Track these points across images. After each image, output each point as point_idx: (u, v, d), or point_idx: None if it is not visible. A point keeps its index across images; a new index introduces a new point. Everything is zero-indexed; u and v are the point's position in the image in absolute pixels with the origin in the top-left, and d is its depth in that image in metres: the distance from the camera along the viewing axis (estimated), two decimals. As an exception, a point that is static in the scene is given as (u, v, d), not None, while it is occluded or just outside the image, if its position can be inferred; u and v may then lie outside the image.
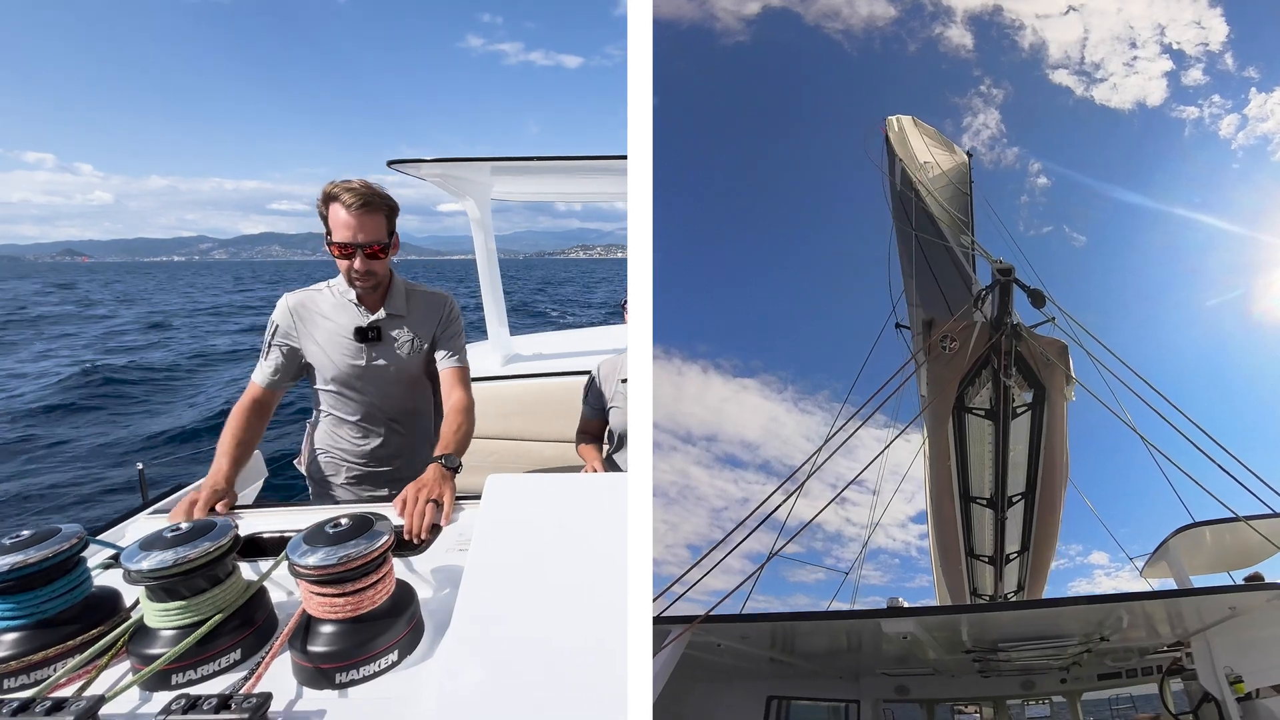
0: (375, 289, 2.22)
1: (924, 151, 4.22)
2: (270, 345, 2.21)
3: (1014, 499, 3.06)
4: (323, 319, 2.22)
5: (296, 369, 2.26)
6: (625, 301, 2.61)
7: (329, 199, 2.10)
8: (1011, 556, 3.17)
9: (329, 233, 2.12)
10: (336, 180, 2.14)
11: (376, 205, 2.11)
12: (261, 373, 2.20)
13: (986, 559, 3.18)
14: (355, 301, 2.23)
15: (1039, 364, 2.62)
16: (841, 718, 2.30)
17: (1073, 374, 2.46)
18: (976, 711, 2.33)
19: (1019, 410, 2.79)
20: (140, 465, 2.19)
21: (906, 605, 2.17)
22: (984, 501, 3.12)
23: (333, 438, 2.36)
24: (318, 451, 2.40)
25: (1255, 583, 1.91)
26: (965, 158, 4.59)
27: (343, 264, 2.13)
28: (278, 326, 2.21)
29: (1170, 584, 2.51)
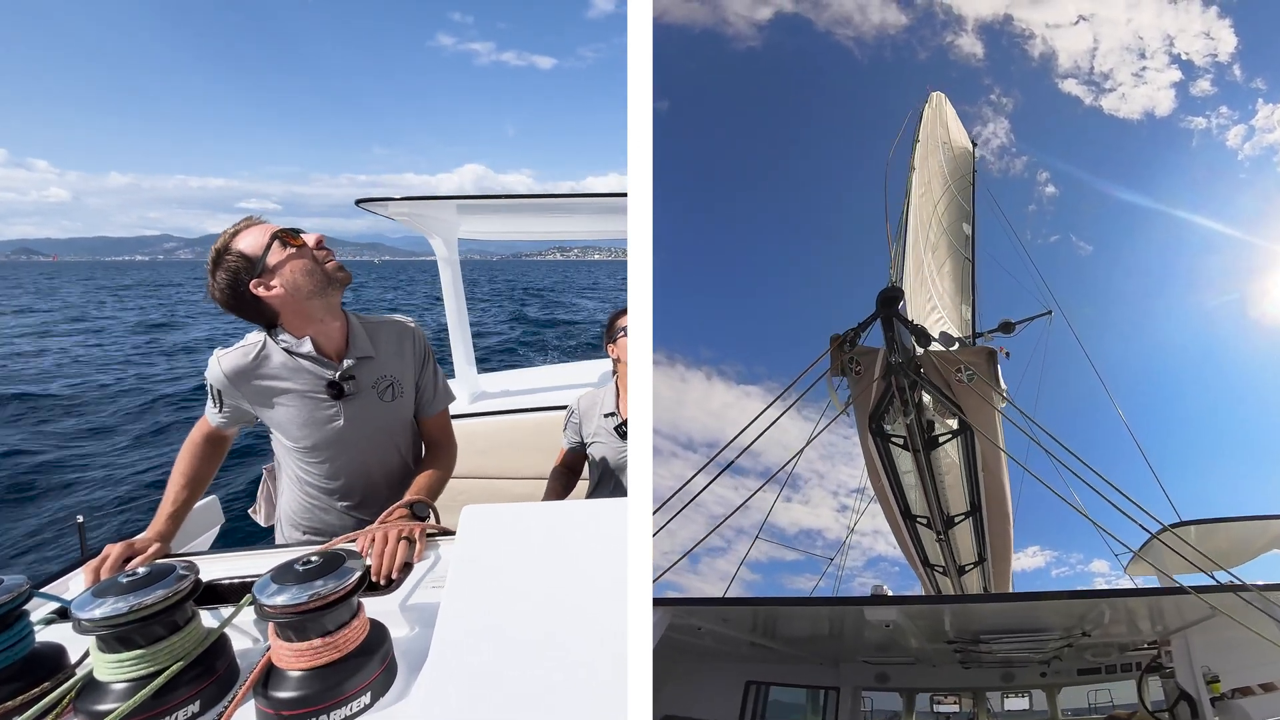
0: (345, 284, 1.86)
1: (944, 131, 4.15)
2: (216, 401, 1.89)
3: (956, 519, 2.96)
4: (278, 382, 1.86)
5: (251, 419, 1.95)
6: (609, 331, 2.54)
7: (234, 236, 1.75)
8: (967, 568, 3.14)
9: (261, 265, 1.71)
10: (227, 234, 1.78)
11: None
12: (214, 416, 1.92)
13: (941, 570, 3.16)
14: (313, 354, 1.84)
15: (955, 388, 2.38)
16: (820, 704, 2.30)
17: (1002, 383, 2.29)
18: (956, 702, 2.34)
19: (942, 439, 2.60)
20: (80, 518, 2.05)
21: (890, 593, 2.17)
22: (924, 522, 3.04)
23: (308, 510, 2.04)
24: (289, 524, 2.09)
25: (1234, 583, 1.91)
26: (970, 144, 4.55)
27: (305, 262, 1.76)
28: (219, 391, 1.87)
29: (1153, 581, 2.52)
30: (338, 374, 1.87)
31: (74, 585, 1.55)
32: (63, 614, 1.31)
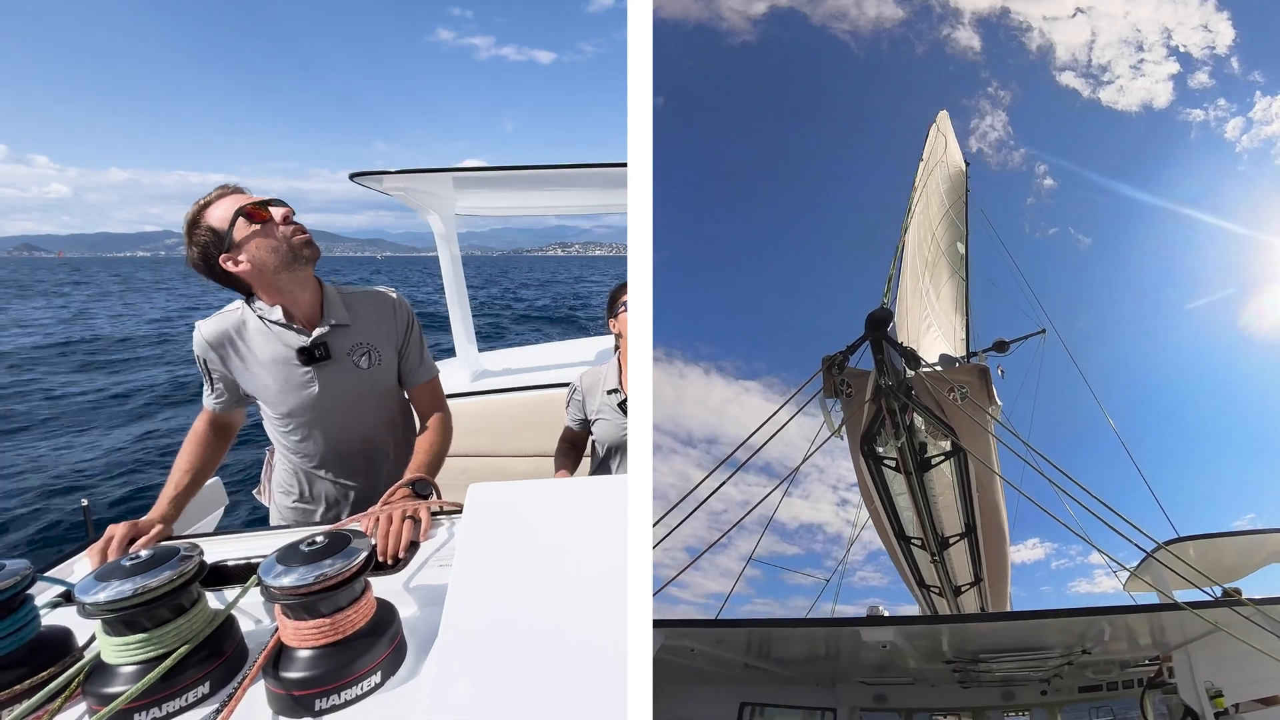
0: (317, 255, 1.87)
1: (941, 150, 4.19)
2: (207, 376, 1.93)
3: (951, 540, 2.94)
4: (255, 349, 1.89)
5: (244, 395, 1.98)
6: (610, 306, 2.59)
7: (205, 207, 1.78)
8: (963, 589, 3.10)
9: (228, 240, 1.75)
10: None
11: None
12: (209, 399, 1.95)
13: (937, 591, 3.12)
14: (283, 321, 1.88)
15: (948, 409, 2.37)
16: (817, 725, 2.29)
17: (996, 399, 2.28)
18: (956, 721, 2.33)
19: (935, 461, 2.58)
20: (85, 501, 2.08)
21: (886, 614, 2.17)
22: (918, 543, 3.01)
23: (295, 478, 2.07)
24: (279, 492, 2.13)
25: (1236, 598, 1.91)
26: (964, 163, 4.60)
27: (271, 239, 1.77)
28: (205, 361, 1.90)
29: (1153, 597, 2.50)
30: (310, 340, 1.89)
31: (79, 569, 1.54)
32: (68, 597, 1.31)
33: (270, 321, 1.88)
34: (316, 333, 1.90)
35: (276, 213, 1.80)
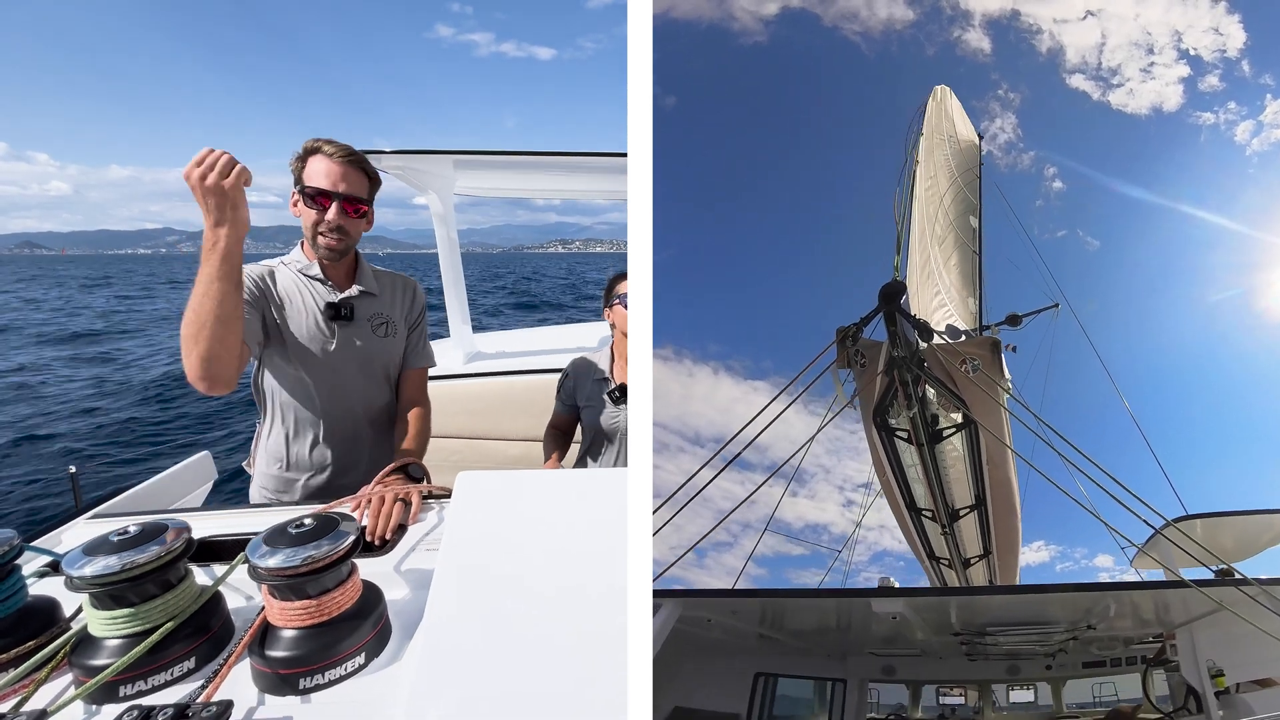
0: (343, 256, 1.99)
1: (949, 125, 4.12)
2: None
3: (961, 511, 2.95)
4: (287, 296, 1.96)
5: (262, 330, 1.93)
6: (606, 295, 2.56)
7: (310, 152, 1.91)
8: (973, 561, 3.13)
9: (301, 187, 1.89)
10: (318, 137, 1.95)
11: (362, 163, 1.95)
12: None
13: (946, 563, 3.15)
14: (320, 277, 1.98)
15: (960, 381, 2.34)
16: (827, 696, 2.32)
17: (1006, 373, 2.28)
18: (961, 694, 2.35)
19: (947, 433, 2.58)
20: (73, 468, 2.01)
21: (897, 585, 2.17)
22: (929, 515, 3.04)
23: (284, 447, 2.06)
24: (264, 464, 2.12)
25: (1239, 577, 1.92)
26: (976, 137, 4.51)
27: (312, 216, 1.90)
28: (254, 278, 1.92)
29: (1159, 575, 2.53)
30: (339, 298, 2.00)
31: (66, 538, 1.55)
32: (56, 567, 1.31)
33: (306, 275, 1.99)
34: (345, 293, 2.01)
35: (331, 211, 1.90)
